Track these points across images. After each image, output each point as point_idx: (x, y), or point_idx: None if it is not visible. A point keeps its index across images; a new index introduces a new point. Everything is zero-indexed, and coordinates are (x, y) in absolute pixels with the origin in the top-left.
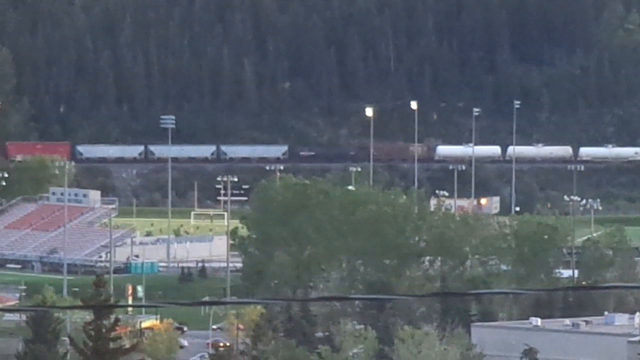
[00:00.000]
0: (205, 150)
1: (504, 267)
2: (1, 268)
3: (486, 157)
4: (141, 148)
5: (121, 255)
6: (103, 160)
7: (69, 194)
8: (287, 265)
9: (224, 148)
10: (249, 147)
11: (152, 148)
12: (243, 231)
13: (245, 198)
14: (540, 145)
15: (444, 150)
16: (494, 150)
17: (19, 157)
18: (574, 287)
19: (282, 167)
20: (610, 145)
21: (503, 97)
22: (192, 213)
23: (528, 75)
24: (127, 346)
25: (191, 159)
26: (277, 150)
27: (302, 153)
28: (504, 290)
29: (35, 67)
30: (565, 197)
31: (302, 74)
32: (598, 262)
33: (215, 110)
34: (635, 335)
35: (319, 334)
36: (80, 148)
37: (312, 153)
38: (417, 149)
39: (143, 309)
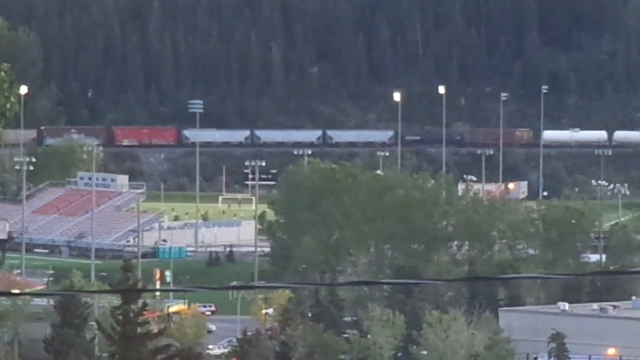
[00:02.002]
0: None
1: (531, 251)
2: (29, 252)
3: (592, 142)
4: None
5: (149, 240)
6: (209, 144)
7: (97, 179)
8: (315, 249)
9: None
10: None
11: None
12: (271, 216)
13: (273, 182)
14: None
15: (550, 135)
16: (599, 135)
17: (125, 142)
18: (601, 272)
19: (310, 152)
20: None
21: (531, 82)
22: (220, 198)
23: (556, 60)
24: (155, 331)
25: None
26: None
27: (408, 137)
28: (532, 275)
29: (63, 51)
30: (593, 182)
31: (330, 58)
32: (626, 246)
33: (243, 94)
34: None
35: (347, 319)
36: (186, 133)
37: (418, 137)
38: (522, 133)
39: (171, 294)
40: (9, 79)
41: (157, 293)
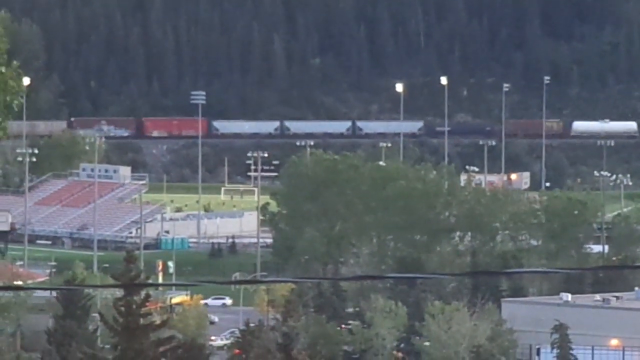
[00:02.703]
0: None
1: (534, 242)
2: (32, 244)
3: (622, 132)
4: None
5: (151, 231)
6: (238, 136)
7: (99, 170)
8: (317, 240)
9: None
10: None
11: (216, 124)
12: (273, 207)
13: (276, 174)
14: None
15: (580, 126)
16: (629, 126)
17: (155, 133)
18: (603, 267)
19: (312, 143)
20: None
21: (533, 72)
22: (222, 189)
23: (558, 51)
24: (158, 322)
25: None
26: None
27: (438, 129)
28: (533, 269)
29: (66, 43)
30: (596, 173)
31: (332, 50)
32: (628, 237)
33: (245, 86)
34: None
35: (349, 310)
36: (216, 124)
37: (448, 129)
38: (552, 124)
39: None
40: (16, 75)
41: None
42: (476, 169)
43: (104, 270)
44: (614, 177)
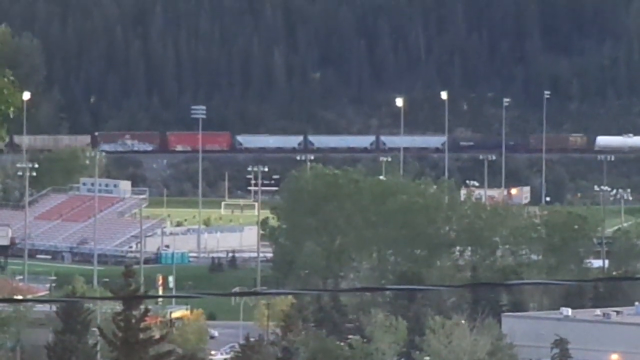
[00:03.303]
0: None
1: (534, 257)
2: (32, 258)
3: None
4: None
5: (152, 245)
6: (263, 150)
7: (100, 185)
8: (318, 255)
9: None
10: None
11: (240, 138)
12: (273, 221)
13: (276, 188)
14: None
15: (603, 140)
16: None
17: (179, 147)
18: (603, 278)
19: (312, 157)
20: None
21: (533, 87)
22: (223, 203)
23: (558, 65)
24: (157, 336)
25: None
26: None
27: (462, 143)
28: (534, 281)
29: (66, 57)
30: (596, 187)
31: (332, 64)
32: (628, 252)
33: (245, 100)
34: None
35: (349, 324)
36: (240, 138)
37: (471, 143)
38: (576, 139)
39: (173, 299)
40: (10, 83)
41: (160, 299)
42: (476, 184)
43: (104, 284)
44: (614, 191)
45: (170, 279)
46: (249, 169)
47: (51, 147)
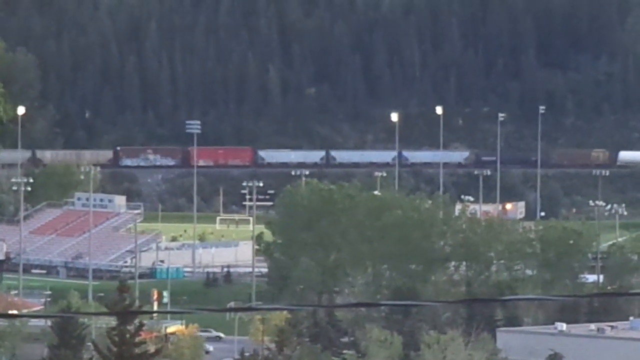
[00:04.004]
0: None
1: (529, 272)
2: (26, 273)
3: None
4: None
5: (147, 260)
6: (284, 165)
7: (94, 199)
8: (313, 270)
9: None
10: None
11: (262, 153)
12: (268, 236)
13: (271, 203)
14: None
15: (626, 155)
16: None
17: (201, 162)
18: (598, 293)
19: (307, 172)
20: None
21: (528, 102)
22: (218, 218)
23: (553, 80)
24: (152, 351)
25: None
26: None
27: (484, 158)
28: (529, 296)
29: (61, 72)
30: (590, 202)
31: (328, 79)
32: (623, 267)
33: (240, 115)
34: None
35: (345, 339)
36: (262, 153)
37: (493, 158)
38: (598, 154)
39: (168, 315)
40: (1, 97)
41: (155, 314)
42: (471, 199)
43: (99, 299)
44: (609, 206)
45: (165, 293)
46: (244, 183)
47: (74, 162)
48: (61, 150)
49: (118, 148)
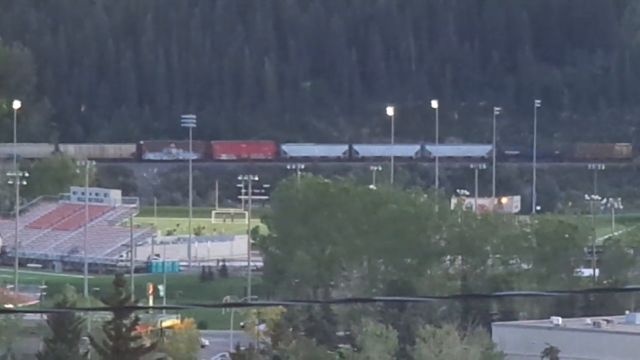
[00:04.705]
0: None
1: (524, 266)
2: (22, 267)
3: None
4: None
5: (142, 254)
6: (307, 159)
7: (90, 194)
8: (308, 264)
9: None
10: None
11: (284, 147)
12: (264, 230)
13: (266, 197)
14: None
15: None
16: None
17: (224, 156)
18: (594, 289)
19: (302, 166)
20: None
21: (524, 96)
22: (213, 212)
23: (549, 74)
24: (147, 345)
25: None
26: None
27: (507, 152)
28: (523, 292)
29: (57, 67)
30: (586, 196)
31: (323, 73)
32: (619, 261)
33: (236, 109)
34: None
35: (340, 333)
36: (285, 147)
37: (517, 152)
38: (621, 148)
39: (164, 309)
40: None
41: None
42: (467, 193)
43: (94, 293)
44: (605, 200)
45: (161, 287)
46: (239, 177)
47: (97, 155)
48: (84, 144)
49: (141, 142)
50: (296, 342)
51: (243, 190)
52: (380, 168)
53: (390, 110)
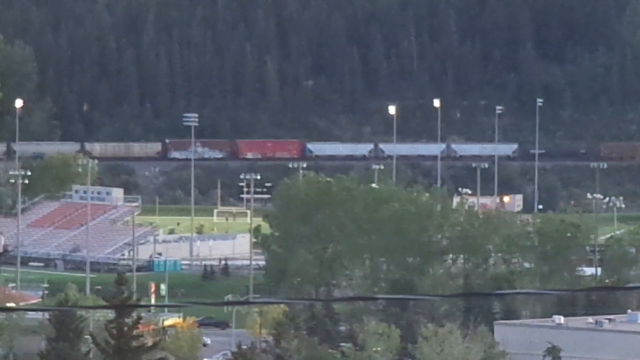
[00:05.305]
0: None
1: (527, 264)
2: (24, 266)
3: None
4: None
5: (144, 253)
6: (333, 158)
7: (92, 192)
8: (310, 263)
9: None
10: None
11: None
12: (266, 229)
13: (268, 196)
14: None
15: None
16: None
17: (250, 155)
18: (596, 288)
19: (305, 165)
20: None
21: (525, 95)
22: (215, 211)
23: (550, 73)
24: (149, 344)
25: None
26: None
27: (532, 151)
28: (525, 291)
29: (58, 65)
30: (588, 195)
31: (325, 72)
32: (621, 259)
33: (238, 108)
34: None
35: (342, 331)
36: (310, 146)
37: (542, 151)
38: None
39: (166, 307)
40: None
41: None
42: (469, 192)
43: (96, 292)
44: (607, 199)
45: (163, 286)
46: (242, 176)
47: (122, 154)
48: (110, 143)
49: (167, 141)
50: (298, 341)
51: (245, 189)
52: (382, 167)
53: (392, 109)
